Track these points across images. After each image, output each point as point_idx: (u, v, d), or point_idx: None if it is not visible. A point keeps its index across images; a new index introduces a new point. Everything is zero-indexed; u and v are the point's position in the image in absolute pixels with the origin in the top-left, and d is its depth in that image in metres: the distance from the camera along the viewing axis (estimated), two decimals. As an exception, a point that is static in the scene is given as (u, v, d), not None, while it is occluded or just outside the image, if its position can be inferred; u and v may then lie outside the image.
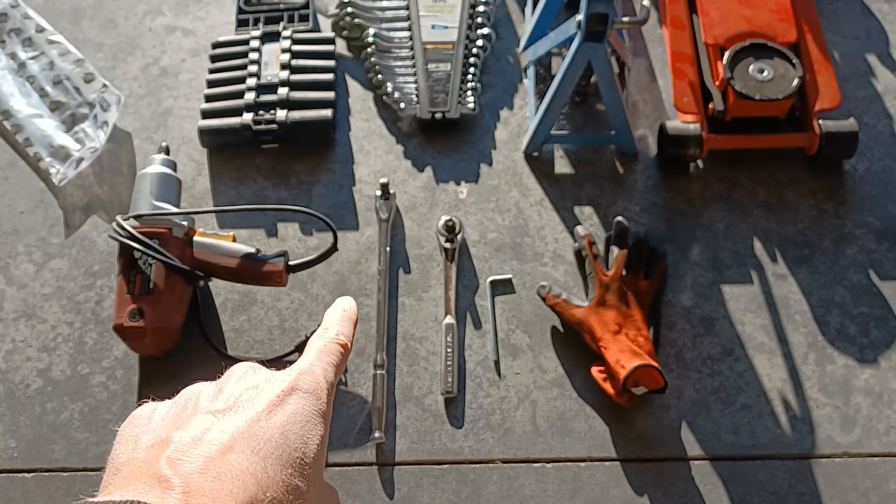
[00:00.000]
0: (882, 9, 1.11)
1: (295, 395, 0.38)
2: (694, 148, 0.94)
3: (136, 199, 0.85)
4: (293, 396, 0.38)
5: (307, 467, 0.36)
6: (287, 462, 0.35)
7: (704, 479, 0.79)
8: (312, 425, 0.37)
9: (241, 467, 0.33)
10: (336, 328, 0.45)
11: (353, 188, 0.97)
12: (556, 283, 0.90)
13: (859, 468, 0.80)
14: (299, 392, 0.38)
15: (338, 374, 0.43)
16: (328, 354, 0.42)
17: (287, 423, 0.36)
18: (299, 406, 0.38)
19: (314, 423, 0.38)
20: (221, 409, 0.36)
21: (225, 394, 0.38)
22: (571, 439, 0.81)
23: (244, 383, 0.39)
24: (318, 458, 0.37)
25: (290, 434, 0.36)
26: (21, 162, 0.99)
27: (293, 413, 0.37)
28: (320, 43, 1.04)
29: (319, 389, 0.39)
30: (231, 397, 0.37)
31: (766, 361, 0.85)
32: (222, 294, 0.90)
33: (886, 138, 1.00)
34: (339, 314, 0.47)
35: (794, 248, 0.93)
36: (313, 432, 0.37)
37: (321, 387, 0.40)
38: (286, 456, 0.35)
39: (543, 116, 0.94)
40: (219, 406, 0.37)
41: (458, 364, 0.86)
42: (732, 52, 0.95)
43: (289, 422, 0.37)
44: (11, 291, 0.90)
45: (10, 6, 1.06)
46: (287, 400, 0.37)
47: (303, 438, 0.36)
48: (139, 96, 1.04)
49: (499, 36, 1.09)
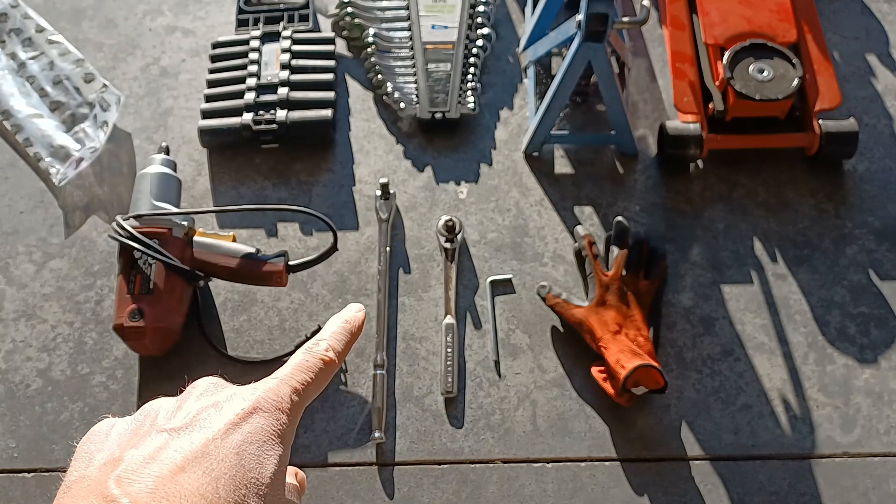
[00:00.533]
0: (882, 9, 1.11)
1: (256, 414, 0.38)
2: (694, 148, 0.94)
3: (136, 199, 0.85)
4: (254, 416, 0.38)
5: (263, 487, 0.36)
6: (241, 483, 0.35)
7: (704, 479, 0.79)
8: (270, 446, 0.37)
9: (192, 488, 0.33)
10: (327, 343, 0.44)
11: (353, 188, 0.97)
12: (556, 283, 0.90)
13: (859, 468, 0.80)
14: (260, 412, 0.38)
15: (315, 389, 0.42)
16: (305, 371, 0.42)
17: (243, 443, 0.36)
18: (258, 426, 0.37)
19: (272, 444, 0.37)
20: (178, 427, 0.36)
21: (183, 411, 0.38)
22: (571, 439, 0.81)
23: (204, 401, 0.38)
24: (276, 479, 0.37)
25: (246, 455, 0.36)
26: (21, 162, 0.99)
27: (251, 433, 0.37)
28: (320, 43, 1.04)
29: (282, 408, 0.39)
30: (189, 415, 0.37)
31: (766, 361, 0.85)
32: (222, 294, 0.90)
33: (886, 138, 1.00)
34: (338, 325, 0.46)
35: (794, 248, 0.93)
36: (270, 452, 0.37)
37: (284, 406, 0.39)
38: (240, 477, 0.35)
39: (543, 116, 0.94)
40: (175, 424, 0.37)
41: (458, 364, 0.86)
42: (732, 52, 0.95)
43: (245, 441, 0.36)
44: (11, 291, 0.90)
45: (10, 6, 1.06)
46: (247, 420, 0.37)
47: (259, 459, 0.36)
48: (139, 96, 1.04)
49: (499, 36, 1.09)
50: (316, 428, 0.82)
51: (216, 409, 0.38)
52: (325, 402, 0.83)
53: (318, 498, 0.79)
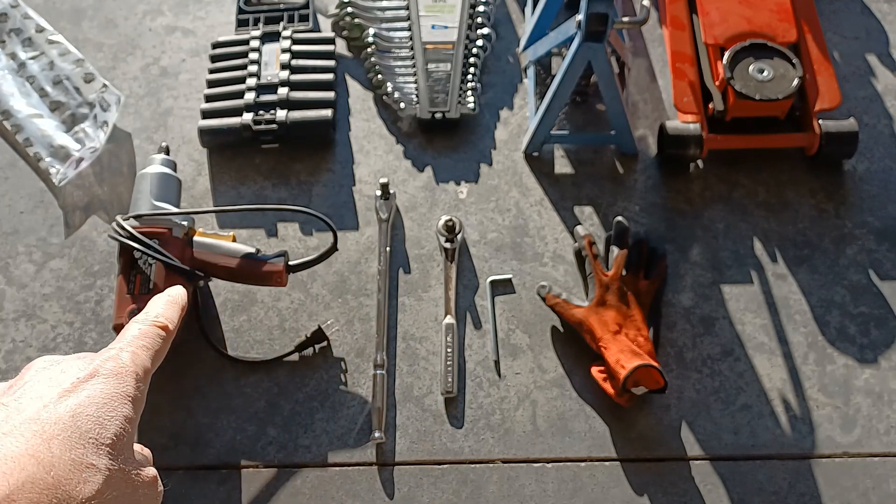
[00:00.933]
0: (882, 9, 1.11)
1: (94, 379, 0.40)
2: (694, 148, 0.94)
3: (136, 199, 0.85)
4: (92, 381, 0.40)
5: (104, 447, 0.38)
6: (77, 442, 0.37)
7: (704, 479, 0.79)
8: (112, 407, 0.40)
9: (20, 451, 0.36)
10: (156, 311, 0.48)
11: (353, 188, 0.97)
12: (556, 283, 0.90)
13: (859, 468, 0.80)
14: (99, 377, 0.41)
15: (157, 356, 0.46)
16: (142, 338, 0.45)
17: (80, 405, 0.39)
18: (97, 390, 0.40)
19: (115, 405, 0.40)
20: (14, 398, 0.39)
21: (17, 386, 0.40)
22: (571, 439, 0.81)
23: (40, 376, 0.41)
24: (120, 438, 0.39)
25: (83, 416, 0.38)
26: (21, 162, 0.99)
27: (89, 396, 0.39)
28: (320, 43, 1.04)
29: (124, 373, 0.42)
30: (22, 388, 0.40)
31: (766, 361, 0.85)
32: (222, 294, 0.90)
33: (886, 138, 1.00)
34: (164, 299, 0.50)
35: (794, 248, 0.93)
36: (113, 413, 0.39)
37: (126, 370, 0.42)
38: (76, 437, 0.37)
39: (543, 116, 0.94)
40: (9, 397, 0.39)
41: (458, 364, 0.86)
42: (732, 52, 0.95)
43: (82, 405, 0.39)
44: (11, 291, 0.90)
45: (10, 6, 1.06)
46: (83, 385, 0.40)
47: (98, 420, 0.39)
48: (139, 96, 1.04)
49: (499, 36, 1.09)
50: (316, 428, 0.82)
51: (49, 381, 0.40)
52: (325, 402, 0.84)
53: (318, 498, 0.79)
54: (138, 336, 0.46)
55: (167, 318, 0.49)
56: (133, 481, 0.40)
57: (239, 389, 0.84)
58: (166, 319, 0.48)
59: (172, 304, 0.50)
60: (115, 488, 0.38)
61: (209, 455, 0.81)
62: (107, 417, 0.39)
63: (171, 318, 0.49)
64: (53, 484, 0.36)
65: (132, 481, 0.40)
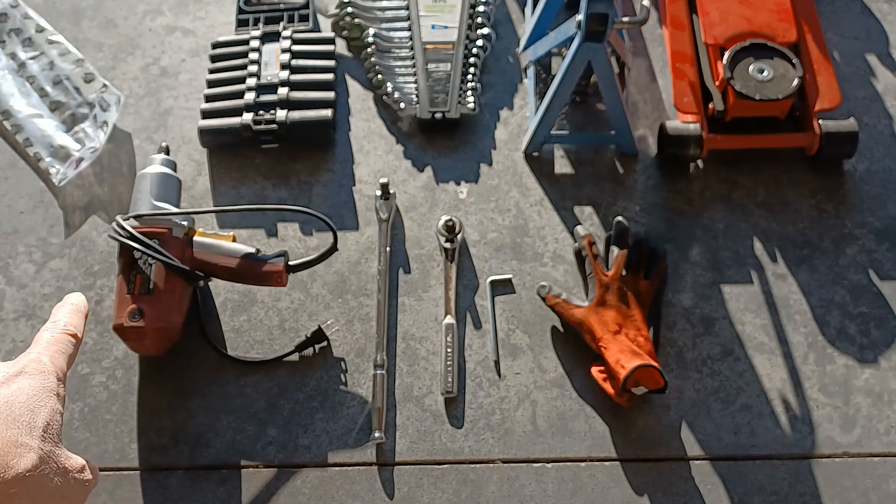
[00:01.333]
0: (882, 9, 1.11)
1: (21, 376, 0.46)
2: (694, 148, 0.94)
3: (136, 199, 0.85)
4: (19, 377, 0.46)
5: (37, 429, 0.44)
6: (12, 424, 0.43)
7: (704, 479, 0.79)
8: (41, 398, 0.46)
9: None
10: (65, 320, 0.54)
11: (353, 188, 0.97)
12: (556, 283, 0.90)
13: (859, 468, 0.80)
14: (24, 374, 0.47)
15: (70, 360, 0.52)
16: (55, 344, 0.51)
17: (12, 394, 0.45)
18: (25, 384, 0.46)
19: (43, 397, 0.46)
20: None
21: None
22: (571, 439, 0.81)
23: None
24: (51, 425, 0.45)
25: (15, 404, 0.45)
26: (21, 162, 0.99)
27: (18, 389, 0.45)
28: (320, 43, 1.04)
29: (47, 372, 0.48)
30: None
31: (766, 361, 0.85)
32: (222, 294, 0.90)
33: (886, 138, 1.00)
34: (68, 308, 0.56)
35: (794, 248, 0.93)
36: (41, 403, 0.45)
37: (48, 369, 0.48)
38: (11, 419, 0.43)
39: (543, 116, 0.94)
40: None
41: (458, 364, 0.86)
42: (732, 52, 0.95)
43: (13, 394, 0.45)
44: (11, 291, 0.90)
45: (10, 6, 1.06)
46: (12, 381, 0.46)
47: (29, 407, 0.45)
48: (139, 96, 1.04)
49: (499, 36, 1.09)
50: (316, 428, 0.82)
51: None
52: (325, 402, 0.84)
53: (318, 498, 0.79)
54: (52, 342, 0.52)
55: (75, 325, 0.55)
56: (63, 464, 0.45)
57: (239, 389, 0.84)
58: (74, 327, 0.55)
59: (77, 313, 0.56)
60: (47, 467, 0.44)
61: (209, 455, 0.81)
62: (36, 406, 0.45)
63: (77, 325, 0.55)
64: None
65: (62, 464, 0.45)
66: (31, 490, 0.42)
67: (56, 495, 0.43)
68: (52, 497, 0.43)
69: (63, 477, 0.44)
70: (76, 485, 0.46)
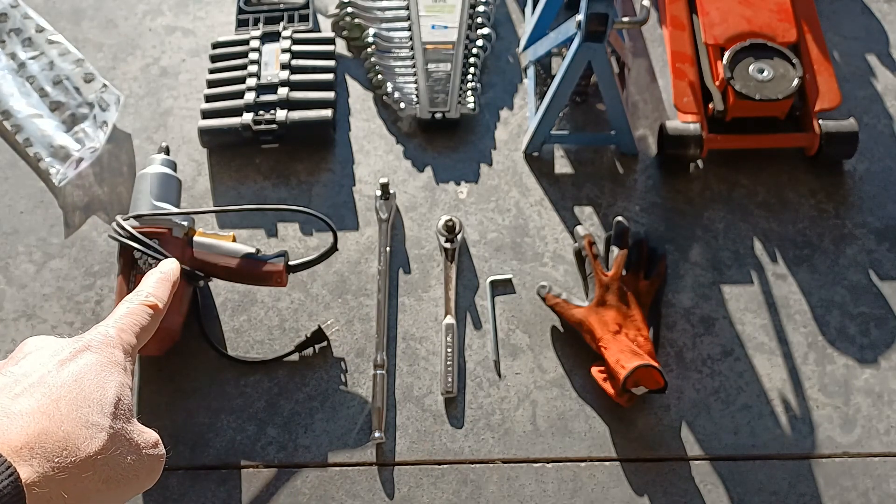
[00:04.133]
0: (882, 9, 1.11)
1: (86, 352, 0.44)
2: (694, 148, 0.94)
3: (136, 199, 0.85)
4: (85, 353, 0.44)
5: (107, 406, 0.42)
6: (83, 402, 0.41)
7: (704, 479, 0.79)
8: (109, 373, 0.44)
9: (33, 408, 0.39)
10: (148, 290, 0.53)
11: (353, 188, 0.97)
12: (556, 283, 0.90)
13: (859, 468, 0.80)
14: (90, 350, 0.45)
15: (143, 333, 0.50)
16: (130, 316, 0.50)
17: (80, 372, 0.43)
18: (92, 360, 0.44)
19: (110, 372, 0.44)
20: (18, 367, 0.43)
21: (16, 359, 0.45)
22: (571, 439, 0.81)
23: (38, 351, 0.45)
24: (121, 400, 0.43)
25: (85, 381, 0.42)
26: (21, 162, 0.99)
27: (86, 365, 0.43)
28: (320, 43, 1.04)
29: (112, 344, 0.46)
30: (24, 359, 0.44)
31: (766, 361, 0.85)
32: (222, 294, 0.90)
33: (886, 138, 1.00)
34: (156, 276, 0.54)
35: (794, 248, 0.93)
36: (110, 378, 0.44)
37: (114, 342, 0.46)
38: (81, 397, 0.41)
39: (543, 116, 0.94)
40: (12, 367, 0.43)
41: (458, 364, 0.86)
42: (732, 52, 0.95)
43: (82, 371, 0.43)
44: (11, 291, 0.90)
45: (10, 6, 1.06)
46: (78, 356, 0.44)
47: (99, 384, 0.43)
48: (139, 96, 1.04)
49: (499, 36, 1.09)
50: (316, 428, 0.82)
51: (48, 353, 0.44)
52: (325, 402, 0.84)
53: (318, 498, 0.79)
54: (126, 314, 0.50)
55: (157, 296, 0.52)
56: (135, 441, 0.43)
57: (239, 389, 0.84)
58: (156, 298, 0.52)
59: (163, 282, 0.54)
60: (119, 446, 0.42)
61: (209, 455, 0.81)
62: (106, 382, 0.43)
63: (160, 296, 0.53)
64: (64, 437, 0.39)
65: (134, 440, 0.43)
66: (103, 471, 0.40)
67: (129, 474, 0.42)
68: (126, 476, 0.42)
69: (136, 454, 0.43)
70: (150, 461, 0.44)
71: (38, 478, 0.37)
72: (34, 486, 0.36)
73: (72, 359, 0.44)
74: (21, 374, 0.42)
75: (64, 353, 0.44)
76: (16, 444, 0.37)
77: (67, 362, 0.43)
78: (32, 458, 0.37)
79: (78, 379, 0.42)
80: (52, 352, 0.44)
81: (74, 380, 0.42)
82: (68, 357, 0.44)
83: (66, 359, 0.43)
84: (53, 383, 0.41)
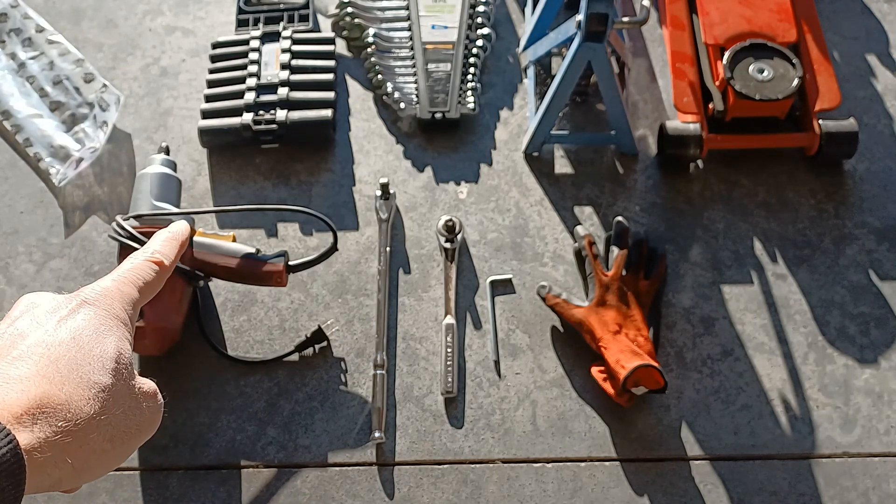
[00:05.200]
0: (882, 9, 1.11)
1: (84, 308, 0.43)
2: (694, 148, 0.94)
3: (136, 199, 0.85)
4: (82, 309, 0.43)
5: (108, 362, 0.41)
6: (83, 360, 0.40)
7: (704, 479, 0.79)
8: (108, 328, 0.43)
9: (31, 371, 0.39)
10: (154, 247, 0.51)
11: (353, 188, 0.97)
12: (556, 283, 0.90)
13: (859, 468, 0.80)
14: (87, 305, 0.43)
15: (147, 288, 0.48)
16: (133, 271, 0.49)
17: (78, 328, 0.42)
18: (89, 315, 0.43)
19: (109, 327, 0.43)
20: (14, 328, 0.42)
21: (11, 318, 0.44)
22: (571, 439, 0.81)
23: (33, 309, 0.44)
24: (121, 355, 0.42)
25: (84, 337, 0.41)
26: (21, 162, 0.99)
27: (83, 320, 0.42)
28: (320, 43, 1.04)
29: (110, 301, 0.45)
30: (20, 318, 0.43)
31: (766, 361, 0.85)
32: (222, 294, 0.90)
33: (886, 138, 1.00)
34: (164, 235, 0.53)
35: (794, 248, 0.93)
36: (109, 334, 0.42)
37: (112, 298, 0.45)
38: (81, 356, 0.40)
39: (543, 116, 0.94)
40: (8, 328, 0.43)
41: (458, 364, 0.86)
42: (732, 52, 0.95)
43: (79, 328, 0.42)
44: (11, 291, 0.90)
45: (10, 6, 1.06)
46: (75, 313, 0.43)
47: (97, 339, 0.42)
48: (139, 96, 1.04)
49: (499, 36, 1.09)
50: (316, 428, 0.82)
51: (43, 311, 0.43)
52: (325, 402, 0.84)
53: (318, 498, 0.79)
54: (130, 269, 0.49)
55: (163, 253, 0.51)
56: (136, 395, 0.42)
57: (239, 389, 0.84)
58: (162, 255, 0.51)
59: (172, 241, 0.53)
60: (121, 404, 0.41)
61: (209, 455, 0.81)
62: (104, 337, 0.42)
63: (167, 253, 0.51)
64: (66, 399, 0.38)
65: (135, 395, 0.42)
66: (107, 431, 0.40)
67: (132, 428, 0.42)
68: (129, 432, 0.41)
69: (138, 409, 0.42)
70: (150, 412, 0.43)
71: (39, 443, 0.36)
72: (35, 452, 0.36)
73: (69, 315, 0.43)
74: (17, 334, 0.42)
75: (61, 310, 0.43)
76: (16, 410, 0.37)
77: (65, 319, 0.42)
78: (34, 424, 0.37)
79: (76, 337, 0.41)
80: (48, 309, 0.44)
81: (72, 338, 0.41)
82: (66, 314, 0.43)
83: (63, 316, 0.43)
84: (51, 342, 0.41)
